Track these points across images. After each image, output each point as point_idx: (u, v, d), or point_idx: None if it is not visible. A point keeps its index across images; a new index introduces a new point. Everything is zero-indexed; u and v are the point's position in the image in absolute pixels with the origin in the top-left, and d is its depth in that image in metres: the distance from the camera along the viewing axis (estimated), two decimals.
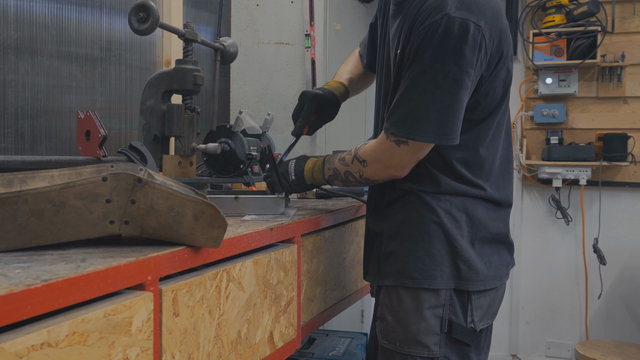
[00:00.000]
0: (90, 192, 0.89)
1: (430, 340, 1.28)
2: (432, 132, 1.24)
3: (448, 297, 1.29)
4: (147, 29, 1.51)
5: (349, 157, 1.38)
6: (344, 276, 1.74)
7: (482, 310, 1.33)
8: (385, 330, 1.34)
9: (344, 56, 3.07)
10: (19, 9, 1.69)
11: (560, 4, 3.41)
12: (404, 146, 1.27)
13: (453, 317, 1.29)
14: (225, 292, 1.08)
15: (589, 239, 3.51)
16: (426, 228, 1.31)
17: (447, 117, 1.23)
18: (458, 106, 1.23)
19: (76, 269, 0.76)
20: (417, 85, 1.24)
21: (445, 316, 1.29)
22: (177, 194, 0.92)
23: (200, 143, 1.71)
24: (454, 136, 1.25)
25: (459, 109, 1.24)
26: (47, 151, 1.78)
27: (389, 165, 1.32)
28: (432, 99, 1.22)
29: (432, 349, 1.28)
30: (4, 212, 0.86)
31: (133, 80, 2.14)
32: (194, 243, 0.97)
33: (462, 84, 1.21)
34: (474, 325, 1.31)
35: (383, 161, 1.32)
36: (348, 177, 1.39)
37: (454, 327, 1.29)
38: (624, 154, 3.36)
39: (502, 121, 1.38)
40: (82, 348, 0.73)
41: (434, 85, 1.21)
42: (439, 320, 1.29)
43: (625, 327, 3.50)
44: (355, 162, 1.37)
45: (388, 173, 1.33)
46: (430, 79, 1.22)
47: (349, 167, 1.38)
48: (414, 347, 1.29)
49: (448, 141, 1.25)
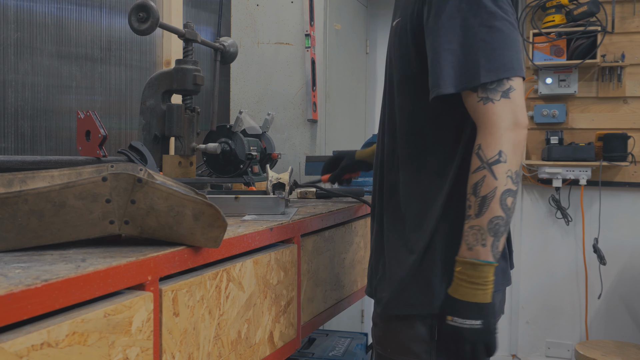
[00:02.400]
0: (90, 192, 0.88)
1: (419, 348, 1.22)
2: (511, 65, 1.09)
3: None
4: (147, 29, 1.51)
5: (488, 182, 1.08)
6: (344, 276, 1.74)
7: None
8: (377, 336, 1.31)
9: (344, 56, 3.07)
10: (19, 9, 1.69)
11: (560, 4, 3.41)
12: (514, 93, 1.09)
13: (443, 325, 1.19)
14: (225, 292, 1.08)
15: (589, 239, 3.51)
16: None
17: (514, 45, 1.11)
18: (514, 37, 1.12)
19: (76, 269, 0.76)
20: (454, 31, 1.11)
21: (434, 324, 1.20)
22: (177, 194, 0.92)
23: (200, 143, 1.71)
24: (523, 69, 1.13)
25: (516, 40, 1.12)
26: (47, 151, 1.78)
27: (522, 134, 1.09)
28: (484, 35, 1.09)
29: (422, 356, 1.21)
30: (4, 212, 0.86)
31: (133, 80, 2.14)
32: (193, 243, 0.96)
33: (501, 16, 1.10)
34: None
35: (517, 134, 1.08)
36: (506, 198, 1.07)
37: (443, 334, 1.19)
38: (624, 154, 3.35)
39: None
40: (82, 348, 0.73)
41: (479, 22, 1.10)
42: (428, 328, 1.21)
43: (625, 327, 3.49)
44: (498, 168, 1.07)
45: (524, 142, 1.10)
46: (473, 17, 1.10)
47: (497, 190, 1.07)
48: (404, 355, 1.24)
49: (524, 72, 1.12)
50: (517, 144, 1.09)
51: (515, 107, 1.09)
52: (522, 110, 1.10)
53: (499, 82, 1.08)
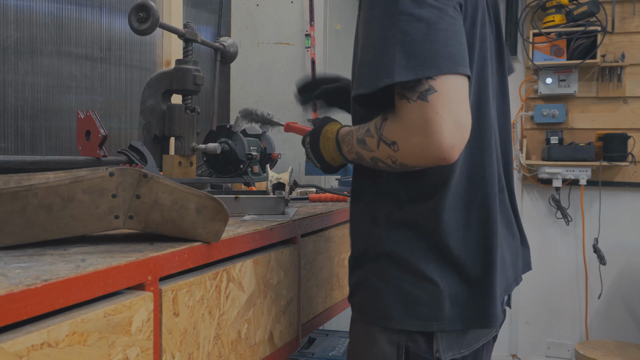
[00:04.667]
0: (97, 186, 0.89)
1: None
2: (433, 61, 0.90)
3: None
4: (147, 29, 1.51)
5: (372, 140, 1.02)
6: (344, 276, 1.74)
7: (450, 339, 1.05)
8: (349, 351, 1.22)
9: (344, 56, 3.07)
10: (19, 9, 1.69)
11: (560, 4, 3.41)
12: (434, 96, 0.90)
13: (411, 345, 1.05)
14: (225, 292, 1.08)
15: (589, 239, 3.51)
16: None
17: (443, 35, 0.92)
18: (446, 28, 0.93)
19: (76, 269, 0.76)
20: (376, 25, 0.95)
21: (402, 342, 1.05)
22: (181, 188, 0.94)
23: (200, 143, 1.71)
24: (466, 63, 0.94)
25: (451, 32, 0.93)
26: (47, 151, 1.78)
27: (431, 145, 0.91)
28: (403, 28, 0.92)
29: None
30: (14, 206, 0.87)
31: (133, 80, 2.14)
32: (195, 237, 0.97)
33: (428, 3, 0.92)
34: (440, 355, 1.04)
35: (420, 141, 0.92)
36: (377, 163, 1.04)
37: (410, 355, 1.04)
38: (624, 154, 3.36)
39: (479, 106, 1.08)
40: (82, 348, 0.73)
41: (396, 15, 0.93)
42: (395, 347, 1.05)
43: (625, 327, 3.50)
44: (383, 147, 1.00)
45: (431, 157, 0.93)
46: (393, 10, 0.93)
47: (375, 152, 1.02)
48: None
49: (465, 69, 0.93)
50: (421, 157, 0.94)
51: (430, 114, 0.90)
52: (440, 120, 0.90)
53: (417, 83, 0.91)
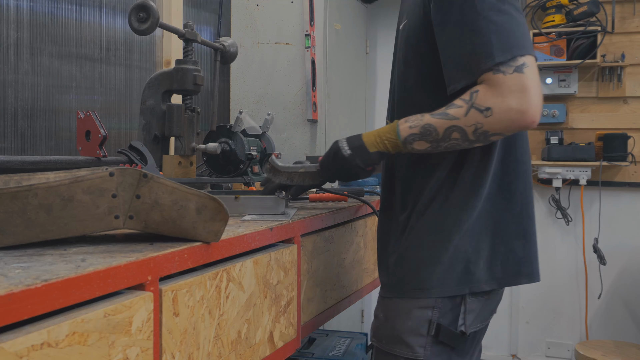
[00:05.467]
0: (97, 187, 0.89)
1: (414, 341, 1.22)
2: (522, 44, 1.10)
3: (439, 299, 1.22)
4: (147, 29, 1.51)
5: (458, 110, 1.13)
6: (344, 276, 1.74)
7: (474, 313, 1.25)
8: (375, 327, 1.32)
9: (344, 56, 3.07)
10: (19, 9, 1.69)
11: (560, 4, 3.41)
12: (528, 69, 1.08)
13: (442, 320, 1.22)
14: (225, 292, 1.08)
15: (589, 239, 3.51)
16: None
17: (522, 26, 1.12)
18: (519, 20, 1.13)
19: (76, 269, 0.76)
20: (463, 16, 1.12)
21: (434, 318, 1.22)
22: (181, 188, 0.94)
23: (200, 143, 1.71)
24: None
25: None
26: (47, 151, 1.78)
27: (528, 106, 1.07)
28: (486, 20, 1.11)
29: (417, 350, 1.22)
30: (14, 206, 0.87)
31: (133, 80, 2.14)
32: (195, 237, 0.97)
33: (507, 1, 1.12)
34: (464, 328, 1.23)
35: (520, 102, 1.07)
36: (451, 133, 1.14)
37: (441, 330, 1.22)
38: (624, 154, 3.36)
39: None
40: (82, 348, 0.73)
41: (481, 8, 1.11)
42: (427, 322, 1.22)
43: (625, 327, 3.49)
44: (473, 113, 1.11)
45: (523, 120, 1.08)
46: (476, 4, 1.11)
47: (458, 120, 1.12)
48: (398, 346, 1.24)
49: (533, 53, 1.12)
50: (512, 121, 1.09)
51: (527, 81, 1.07)
52: (533, 88, 1.07)
53: (513, 59, 1.08)
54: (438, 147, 1.17)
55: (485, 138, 1.13)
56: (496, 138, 1.14)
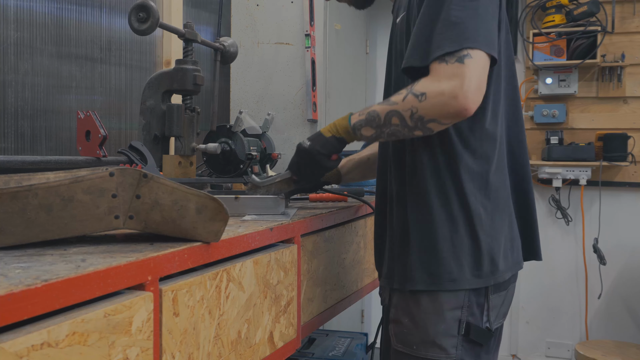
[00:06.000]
0: (97, 187, 0.89)
1: (447, 343, 1.25)
2: (473, 36, 1.12)
3: (467, 298, 1.25)
4: (147, 29, 1.51)
5: (398, 96, 1.18)
6: (344, 276, 1.74)
7: (496, 309, 1.30)
8: (401, 333, 1.30)
9: (344, 56, 3.07)
10: (19, 9, 1.69)
11: (560, 4, 3.41)
12: (470, 60, 1.11)
13: (471, 319, 1.26)
14: (225, 292, 1.08)
15: (589, 239, 3.51)
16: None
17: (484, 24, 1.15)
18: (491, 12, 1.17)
19: (76, 269, 0.76)
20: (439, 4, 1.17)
21: (463, 318, 1.25)
22: (181, 188, 0.94)
23: (200, 143, 1.71)
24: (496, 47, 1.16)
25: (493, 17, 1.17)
26: (47, 151, 1.78)
27: (460, 91, 1.10)
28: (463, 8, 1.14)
29: (449, 351, 1.25)
30: (14, 206, 0.86)
31: (133, 80, 2.14)
32: (195, 237, 0.97)
33: None
34: (489, 325, 1.28)
35: (452, 86, 1.10)
36: (390, 118, 1.19)
37: (471, 328, 1.25)
38: (624, 154, 3.36)
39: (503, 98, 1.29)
40: (82, 348, 0.73)
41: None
42: (457, 323, 1.25)
43: (625, 327, 3.50)
44: (410, 98, 1.16)
45: (455, 105, 1.11)
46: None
47: (397, 105, 1.18)
48: (432, 350, 1.25)
49: (495, 52, 1.15)
50: (443, 105, 1.12)
51: (463, 69, 1.10)
52: (470, 76, 1.10)
53: (459, 50, 1.11)
54: (382, 133, 1.22)
55: (422, 125, 1.16)
56: (434, 126, 1.16)
